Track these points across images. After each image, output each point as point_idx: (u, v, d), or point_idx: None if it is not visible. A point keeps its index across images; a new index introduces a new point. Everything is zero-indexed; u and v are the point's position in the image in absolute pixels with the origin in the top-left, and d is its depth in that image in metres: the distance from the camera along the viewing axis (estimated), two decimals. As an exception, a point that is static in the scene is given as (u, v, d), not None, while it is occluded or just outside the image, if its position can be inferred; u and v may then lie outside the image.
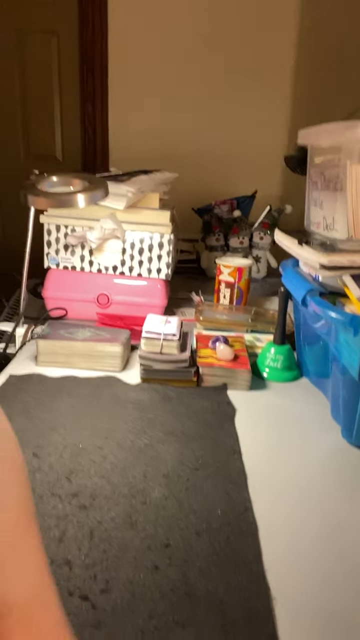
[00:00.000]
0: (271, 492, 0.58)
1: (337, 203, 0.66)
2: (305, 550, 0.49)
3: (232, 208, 1.51)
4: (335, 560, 0.48)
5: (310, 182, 0.77)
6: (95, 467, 0.60)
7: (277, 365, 0.86)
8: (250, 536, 0.50)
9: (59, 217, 1.01)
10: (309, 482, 0.60)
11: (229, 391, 0.81)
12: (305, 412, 0.77)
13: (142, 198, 1.00)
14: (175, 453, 0.63)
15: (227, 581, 0.45)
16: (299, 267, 0.80)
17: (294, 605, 0.43)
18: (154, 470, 0.60)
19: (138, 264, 1.02)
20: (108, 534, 0.49)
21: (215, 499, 0.56)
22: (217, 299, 1.09)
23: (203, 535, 0.50)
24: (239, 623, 0.41)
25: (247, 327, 0.95)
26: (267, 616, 0.41)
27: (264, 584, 0.45)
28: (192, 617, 0.41)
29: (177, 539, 0.49)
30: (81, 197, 0.72)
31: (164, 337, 0.81)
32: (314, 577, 0.46)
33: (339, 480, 0.61)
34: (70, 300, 1.04)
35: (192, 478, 0.59)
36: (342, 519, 0.54)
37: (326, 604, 0.43)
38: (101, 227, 0.97)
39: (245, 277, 1.06)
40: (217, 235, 1.44)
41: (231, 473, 0.60)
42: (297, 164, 0.92)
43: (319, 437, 0.70)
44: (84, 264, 1.04)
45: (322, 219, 0.71)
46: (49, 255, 1.04)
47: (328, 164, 0.69)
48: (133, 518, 0.52)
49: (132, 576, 0.45)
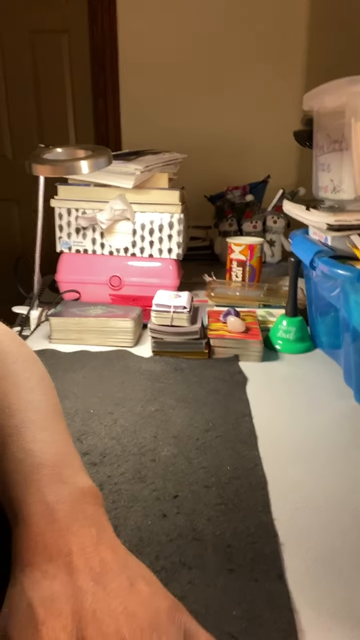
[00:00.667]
0: (282, 451, 0.57)
1: (343, 162, 0.65)
2: (318, 505, 0.49)
3: (244, 193, 1.51)
4: (350, 515, 0.47)
5: (316, 148, 0.76)
6: (106, 429, 0.60)
7: (289, 337, 0.85)
8: (259, 489, 0.50)
9: (69, 201, 1.02)
10: (322, 442, 0.59)
11: (240, 362, 0.80)
12: (318, 379, 0.76)
13: (150, 178, 1.01)
14: (186, 417, 0.63)
15: (234, 527, 0.44)
16: (308, 236, 0.80)
17: (303, 552, 0.43)
18: (164, 432, 0.60)
19: (149, 244, 1.03)
20: (118, 487, 0.50)
21: (225, 457, 0.55)
22: (229, 278, 1.09)
23: (212, 488, 0.50)
24: (246, 565, 0.40)
25: (259, 302, 0.94)
26: (275, 559, 0.41)
27: (272, 531, 0.44)
28: (199, 559, 0.41)
29: (186, 491, 0.49)
30: (84, 164, 0.73)
31: (174, 309, 0.82)
32: (326, 530, 0.45)
33: (353, 440, 0.60)
34: (83, 283, 1.05)
35: (202, 438, 0.59)
36: (358, 477, 0.53)
37: (337, 553, 0.43)
38: (111, 208, 0.98)
39: (257, 254, 1.06)
40: (230, 220, 1.44)
41: (241, 434, 0.60)
42: (306, 138, 0.91)
43: (332, 401, 0.69)
44: (95, 246, 1.05)
45: (329, 182, 0.71)
46: (61, 239, 1.05)
47: (333, 125, 0.69)
48: (142, 473, 0.52)
49: (141, 523, 0.45)
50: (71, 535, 0.30)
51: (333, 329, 0.80)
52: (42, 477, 0.33)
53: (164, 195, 1.01)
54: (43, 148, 0.79)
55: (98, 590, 0.28)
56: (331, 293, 0.71)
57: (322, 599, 0.38)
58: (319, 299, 0.83)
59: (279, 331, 0.86)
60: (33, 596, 0.27)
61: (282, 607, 0.36)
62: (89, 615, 0.27)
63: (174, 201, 1.01)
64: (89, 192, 1.02)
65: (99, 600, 0.28)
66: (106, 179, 0.98)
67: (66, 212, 1.03)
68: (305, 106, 0.76)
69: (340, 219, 0.64)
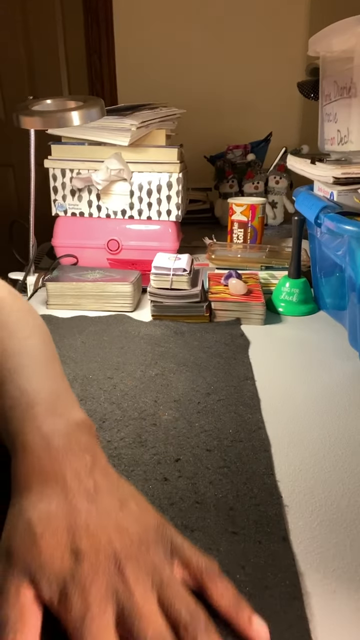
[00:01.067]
0: (286, 414, 0.56)
1: (351, 109, 0.61)
2: (322, 466, 0.47)
3: (245, 152, 1.45)
4: (355, 476, 0.46)
5: (322, 97, 0.72)
6: (105, 394, 0.59)
7: (292, 299, 0.83)
8: (262, 452, 0.49)
9: (63, 161, 0.98)
10: (326, 404, 0.58)
11: (242, 326, 0.78)
12: (322, 341, 0.74)
13: (147, 135, 0.96)
14: (187, 381, 0.62)
15: (237, 490, 0.43)
16: (313, 192, 0.76)
17: (308, 514, 0.42)
18: (165, 396, 0.59)
19: (147, 206, 0.99)
20: (118, 452, 0.49)
21: (227, 420, 0.54)
22: (230, 240, 1.06)
23: (214, 452, 0.49)
24: (249, 528, 0.39)
25: (262, 264, 0.91)
26: (279, 521, 0.40)
27: (276, 493, 0.43)
28: (201, 522, 0.40)
29: (188, 454, 0.48)
30: (75, 115, 0.69)
31: (173, 272, 0.79)
32: (331, 491, 0.44)
33: (357, 402, 0.59)
34: (81, 247, 1.02)
35: (204, 402, 0.57)
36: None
37: (342, 514, 0.42)
38: (106, 168, 0.94)
39: (258, 215, 1.02)
40: (230, 181, 1.39)
41: (244, 397, 0.59)
42: (311, 89, 0.86)
43: (336, 363, 0.67)
44: (92, 209, 1.01)
45: (336, 133, 0.67)
46: (56, 202, 1.02)
47: (341, 70, 0.64)
48: (143, 437, 0.51)
49: (142, 487, 0.44)
50: (66, 462, 0.33)
51: (338, 290, 0.78)
52: (38, 412, 0.36)
53: (161, 153, 0.97)
54: (32, 100, 0.75)
55: (92, 509, 0.31)
56: (337, 252, 0.68)
57: (327, 561, 0.37)
58: (323, 259, 0.80)
59: (282, 293, 0.84)
60: (32, 515, 0.30)
61: (287, 570, 0.35)
62: (82, 530, 0.30)
63: (172, 159, 0.96)
64: (84, 151, 0.98)
65: (92, 517, 0.31)
66: (101, 136, 0.93)
67: (60, 174, 0.99)
68: (310, 51, 0.71)
69: (347, 172, 0.60)
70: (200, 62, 1.82)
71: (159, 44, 1.81)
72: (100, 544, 0.29)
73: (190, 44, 1.80)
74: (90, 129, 0.94)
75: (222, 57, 1.81)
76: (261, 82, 1.82)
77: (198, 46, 1.80)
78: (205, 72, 1.82)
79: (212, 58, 1.81)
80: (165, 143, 0.98)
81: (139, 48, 1.82)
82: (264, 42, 1.78)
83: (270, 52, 1.78)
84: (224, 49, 1.80)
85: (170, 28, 1.79)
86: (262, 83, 1.82)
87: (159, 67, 1.82)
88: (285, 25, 1.75)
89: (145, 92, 1.82)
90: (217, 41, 1.79)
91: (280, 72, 1.78)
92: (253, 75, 1.81)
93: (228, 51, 1.80)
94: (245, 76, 1.82)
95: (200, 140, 1.55)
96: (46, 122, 0.70)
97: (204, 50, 1.80)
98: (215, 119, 1.83)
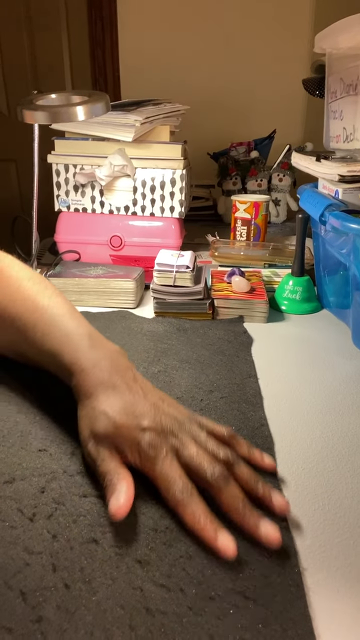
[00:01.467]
0: (289, 412, 0.56)
1: (357, 107, 0.60)
2: (325, 466, 0.47)
3: (249, 149, 1.45)
4: (358, 476, 0.46)
5: (328, 94, 0.71)
6: (107, 391, 0.59)
7: (295, 297, 0.83)
8: (265, 450, 0.49)
9: (67, 156, 0.98)
10: (329, 403, 0.58)
11: (245, 323, 0.78)
12: (325, 340, 0.74)
13: (151, 131, 0.96)
14: (190, 378, 0.62)
15: (240, 488, 0.43)
16: (317, 190, 0.76)
17: (311, 513, 0.41)
18: (167, 393, 0.58)
19: (150, 202, 0.99)
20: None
21: (230, 418, 0.54)
22: (234, 237, 1.05)
23: (217, 449, 0.48)
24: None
25: (265, 262, 0.91)
26: (282, 520, 0.40)
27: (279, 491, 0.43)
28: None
29: (190, 452, 0.48)
30: (80, 109, 0.69)
31: (176, 269, 0.79)
32: (334, 490, 0.44)
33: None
34: (83, 243, 1.02)
35: (207, 399, 0.57)
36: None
37: (345, 514, 0.42)
38: (110, 164, 0.93)
39: (262, 212, 1.02)
40: (233, 178, 1.39)
41: (247, 395, 0.58)
42: (316, 86, 0.86)
43: (339, 362, 0.67)
44: (95, 205, 1.01)
45: (342, 131, 0.66)
46: (59, 198, 1.01)
47: (347, 67, 0.64)
48: (145, 434, 0.51)
49: (145, 485, 0.44)
50: (116, 375, 0.45)
51: (342, 289, 0.77)
52: (85, 346, 0.47)
53: (165, 149, 0.96)
54: (36, 94, 0.75)
55: (145, 402, 0.43)
56: (341, 250, 0.68)
57: (331, 560, 0.37)
58: (327, 257, 0.80)
59: (285, 291, 0.84)
60: (105, 407, 0.42)
61: (291, 569, 0.35)
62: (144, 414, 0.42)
63: (176, 156, 0.96)
64: (87, 146, 0.98)
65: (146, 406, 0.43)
66: (105, 131, 0.93)
67: (64, 169, 0.99)
68: (316, 48, 0.70)
69: (353, 170, 0.60)
70: (204, 59, 1.81)
71: (163, 40, 1.80)
72: (157, 422, 0.41)
73: (194, 40, 1.79)
74: (94, 124, 0.93)
75: (226, 53, 1.80)
76: (265, 79, 1.81)
77: (202, 42, 1.79)
78: (209, 69, 1.82)
79: (216, 54, 1.80)
80: (169, 139, 0.98)
81: (142, 43, 1.82)
82: (268, 39, 1.77)
83: (274, 49, 1.77)
84: (228, 45, 1.79)
85: (174, 25, 1.78)
86: (266, 80, 1.81)
87: (163, 63, 1.82)
88: (290, 22, 1.74)
89: (148, 88, 1.82)
90: (222, 37, 1.78)
91: (284, 69, 1.77)
92: (257, 71, 1.80)
93: (232, 47, 1.79)
94: (249, 73, 1.81)
95: (203, 137, 1.55)
96: (51, 116, 0.69)
97: (207, 46, 1.80)
98: (218, 116, 1.82)
